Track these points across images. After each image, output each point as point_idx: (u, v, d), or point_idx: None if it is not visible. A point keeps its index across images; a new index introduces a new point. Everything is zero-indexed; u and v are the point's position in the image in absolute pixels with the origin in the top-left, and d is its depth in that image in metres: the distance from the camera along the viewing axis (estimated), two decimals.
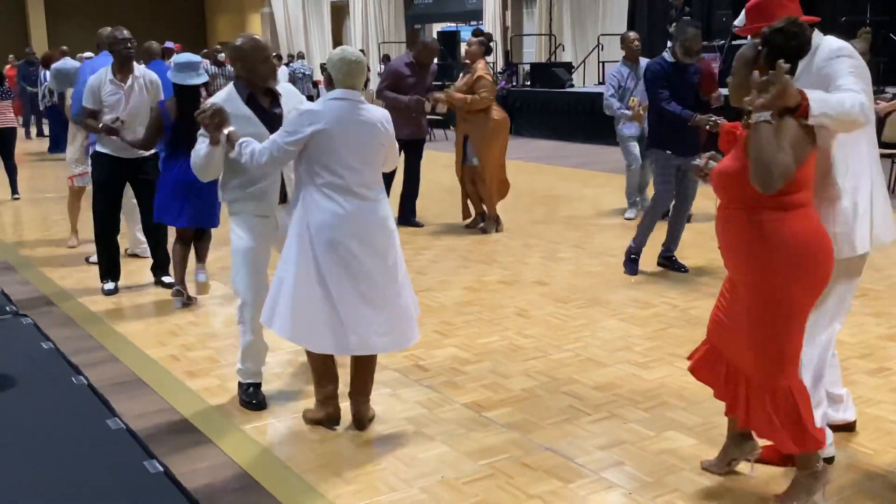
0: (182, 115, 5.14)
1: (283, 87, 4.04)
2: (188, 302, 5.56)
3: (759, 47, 2.85)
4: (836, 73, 2.89)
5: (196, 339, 4.93)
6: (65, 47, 13.22)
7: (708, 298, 5.48)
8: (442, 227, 7.90)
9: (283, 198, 3.91)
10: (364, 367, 3.67)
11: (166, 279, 5.99)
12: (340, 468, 3.35)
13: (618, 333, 4.89)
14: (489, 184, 7.52)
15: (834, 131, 2.87)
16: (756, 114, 2.69)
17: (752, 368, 2.92)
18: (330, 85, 3.55)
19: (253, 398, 3.96)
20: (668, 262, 6.20)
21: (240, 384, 4.02)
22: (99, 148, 5.76)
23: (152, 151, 5.80)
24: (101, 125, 5.55)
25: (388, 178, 7.78)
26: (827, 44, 3.01)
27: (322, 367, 3.69)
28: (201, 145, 3.75)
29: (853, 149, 3.00)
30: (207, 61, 15.30)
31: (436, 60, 8.00)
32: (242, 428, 3.73)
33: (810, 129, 2.77)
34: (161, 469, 2.34)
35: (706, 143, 7.64)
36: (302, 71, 19.90)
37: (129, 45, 5.63)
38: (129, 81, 5.68)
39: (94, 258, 6.64)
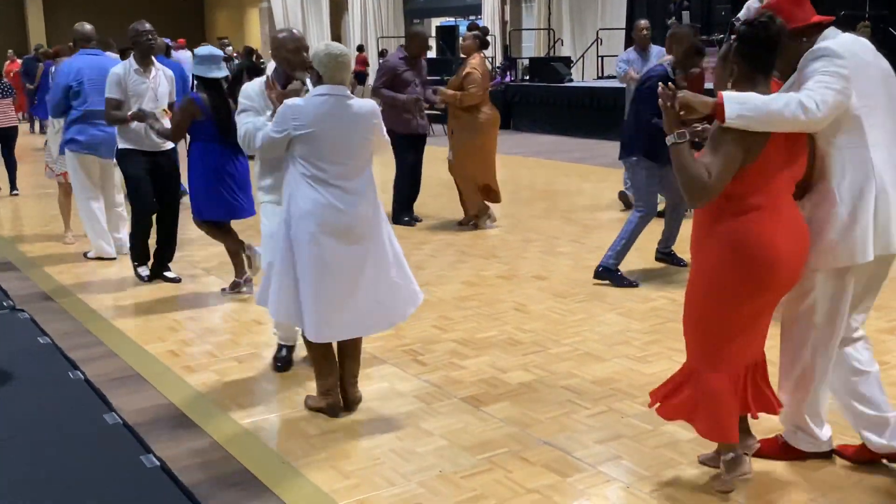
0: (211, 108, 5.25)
1: None
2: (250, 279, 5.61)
3: (731, 42, 2.87)
4: (809, 73, 2.84)
5: (194, 335, 4.93)
6: (72, 43, 13.12)
7: None
8: (440, 222, 7.88)
9: None
10: (348, 351, 3.78)
11: (169, 274, 5.99)
12: (339, 463, 3.35)
13: (616, 328, 4.88)
14: (464, 181, 7.46)
15: (777, 130, 2.76)
16: (667, 138, 2.78)
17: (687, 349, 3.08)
18: (319, 80, 3.55)
19: (278, 361, 4.34)
20: (667, 256, 6.19)
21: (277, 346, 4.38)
22: (122, 145, 5.79)
23: (170, 146, 5.86)
24: (129, 114, 5.61)
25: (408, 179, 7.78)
26: (820, 43, 2.92)
27: (322, 360, 3.75)
28: (256, 120, 3.84)
29: (853, 152, 2.91)
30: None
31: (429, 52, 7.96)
32: (240, 423, 3.73)
33: (753, 135, 2.74)
34: (158, 463, 2.35)
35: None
36: None
37: (150, 36, 5.78)
38: (153, 72, 5.80)
39: (93, 253, 6.65)
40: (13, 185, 9.83)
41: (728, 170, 2.76)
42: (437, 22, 25.61)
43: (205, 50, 5.34)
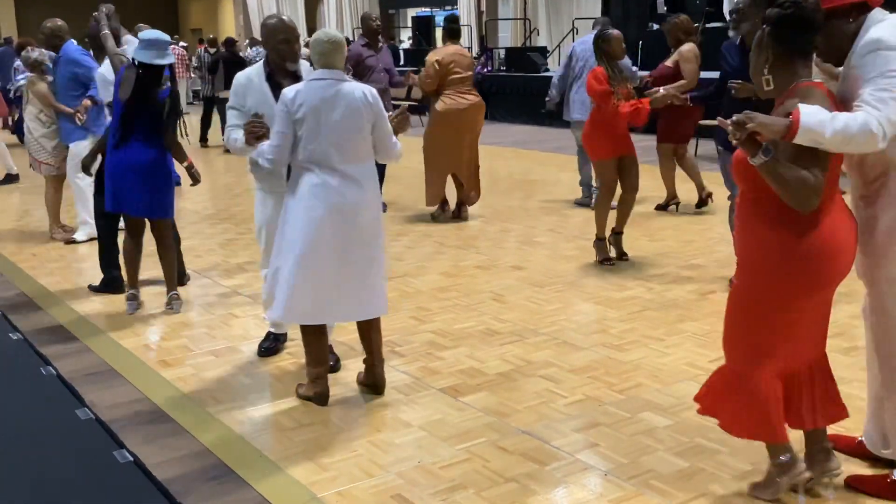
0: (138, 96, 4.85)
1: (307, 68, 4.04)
2: (138, 306, 5.19)
3: (764, 27, 2.69)
4: (865, 74, 2.52)
5: (169, 329, 4.88)
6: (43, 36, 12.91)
7: (682, 282, 5.51)
8: (418, 213, 7.87)
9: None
10: (368, 332, 3.83)
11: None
12: (316, 455, 3.33)
13: (593, 316, 4.90)
14: (425, 167, 7.47)
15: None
16: (750, 160, 2.59)
17: (724, 348, 2.91)
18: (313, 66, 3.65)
19: (262, 344, 4.42)
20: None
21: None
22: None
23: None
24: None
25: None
26: (870, 32, 2.59)
27: (314, 347, 3.75)
28: (238, 135, 3.82)
29: None
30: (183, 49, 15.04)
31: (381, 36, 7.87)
32: (217, 417, 3.70)
33: None
34: (131, 459, 2.32)
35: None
36: (255, 59, 19.72)
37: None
38: None
39: (84, 236, 6.71)
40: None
41: (824, 162, 2.58)
42: (412, 12, 25.53)
43: (151, 34, 4.84)
